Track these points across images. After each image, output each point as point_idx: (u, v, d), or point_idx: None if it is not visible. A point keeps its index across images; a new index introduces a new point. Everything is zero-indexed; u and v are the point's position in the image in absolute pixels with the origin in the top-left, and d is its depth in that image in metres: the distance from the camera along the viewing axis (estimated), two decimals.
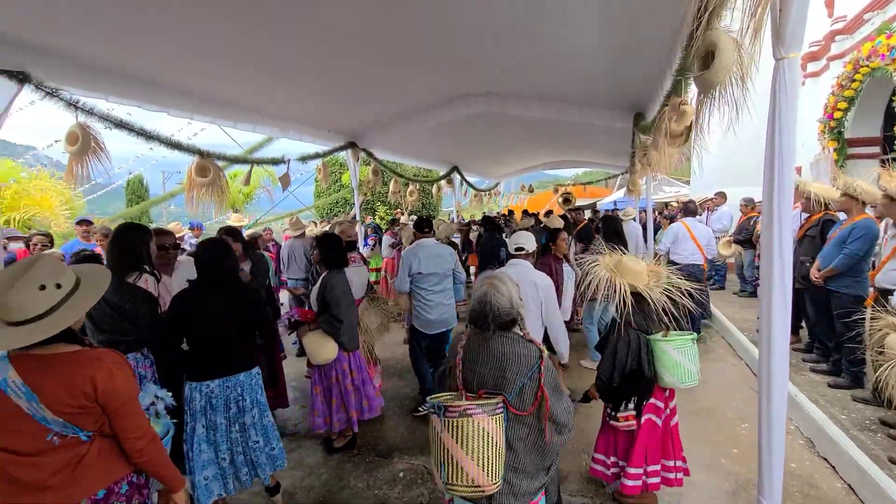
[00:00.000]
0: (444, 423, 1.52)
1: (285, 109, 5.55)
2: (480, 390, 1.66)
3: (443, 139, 7.80)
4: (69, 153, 3.74)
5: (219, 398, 2.41)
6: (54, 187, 8.00)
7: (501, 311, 1.70)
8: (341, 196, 14.03)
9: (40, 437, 1.38)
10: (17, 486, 1.33)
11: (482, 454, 1.49)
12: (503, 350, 1.67)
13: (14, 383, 1.33)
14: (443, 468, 1.52)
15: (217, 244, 2.60)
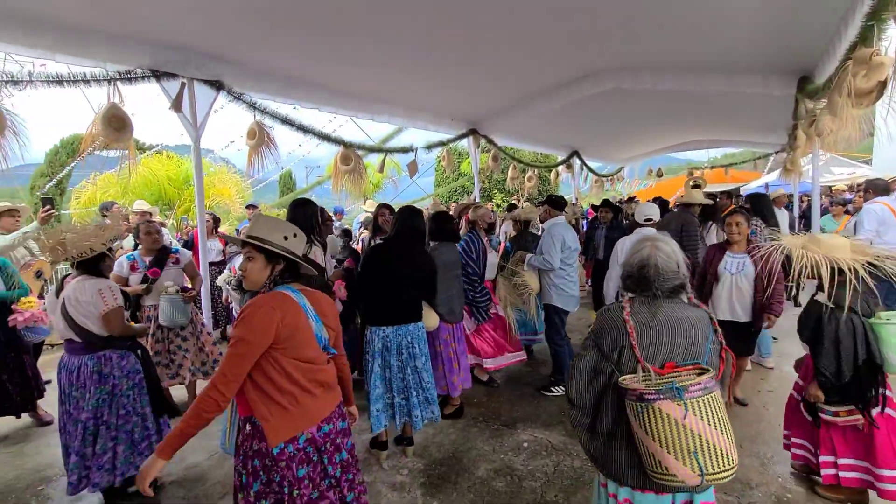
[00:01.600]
0: (689, 406, 1.31)
1: (415, 100, 5.94)
2: (669, 364, 1.46)
3: (564, 122, 7.58)
4: (249, 146, 4.53)
5: (392, 343, 2.80)
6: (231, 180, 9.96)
7: (669, 273, 1.51)
8: (460, 184, 14.49)
9: (320, 352, 1.69)
10: (324, 388, 1.69)
11: (728, 427, 1.35)
12: (689, 316, 1.51)
13: (309, 307, 1.66)
14: (696, 457, 1.30)
15: (416, 212, 2.98)
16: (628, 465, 1.51)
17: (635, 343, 1.47)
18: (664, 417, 1.33)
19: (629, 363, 1.49)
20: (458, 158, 13.48)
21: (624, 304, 1.56)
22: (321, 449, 1.64)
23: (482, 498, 2.56)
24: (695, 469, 1.30)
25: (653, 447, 1.36)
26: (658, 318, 1.50)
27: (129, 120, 3.60)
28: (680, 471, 1.32)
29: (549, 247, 3.80)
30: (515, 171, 9.23)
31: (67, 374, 2.44)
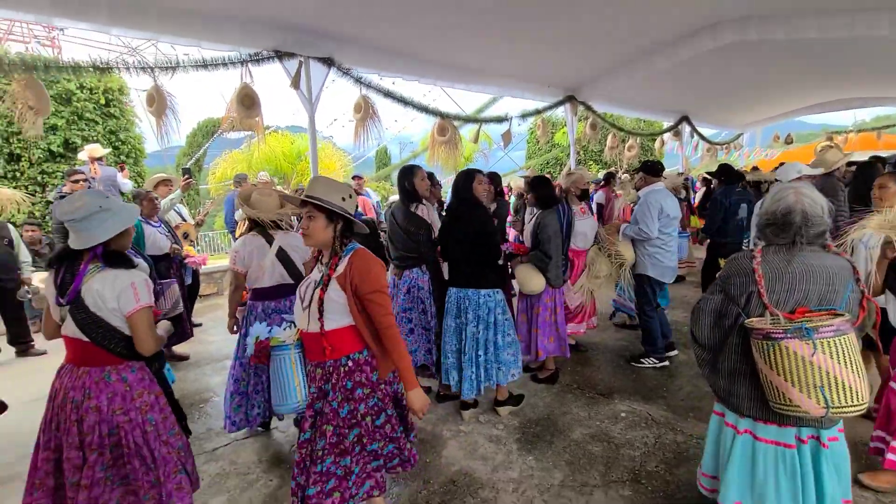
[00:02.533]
0: (819, 345, 1.40)
1: (510, 67, 5.80)
2: (801, 308, 1.50)
3: (673, 84, 6.92)
4: (355, 119, 4.83)
5: (452, 303, 2.92)
6: (335, 155, 10.83)
7: (816, 219, 1.52)
8: (553, 156, 14.03)
9: None
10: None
11: (860, 367, 1.42)
12: (826, 264, 1.53)
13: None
14: (822, 391, 1.39)
15: (461, 174, 3.01)
16: (750, 399, 1.62)
17: (763, 290, 1.54)
18: (791, 355, 1.43)
19: (757, 308, 1.56)
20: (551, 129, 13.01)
21: (755, 254, 1.60)
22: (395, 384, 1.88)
23: (578, 459, 2.59)
24: (820, 402, 1.40)
25: (777, 381, 1.46)
26: (793, 265, 1.53)
27: (257, 98, 4.05)
28: (805, 402, 1.42)
29: (645, 215, 3.59)
30: (615, 140, 8.69)
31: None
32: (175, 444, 1.90)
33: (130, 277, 1.74)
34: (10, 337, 4.43)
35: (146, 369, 1.87)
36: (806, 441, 1.58)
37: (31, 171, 6.33)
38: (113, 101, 7.07)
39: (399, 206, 3.25)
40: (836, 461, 1.59)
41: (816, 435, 1.58)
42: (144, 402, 1.80)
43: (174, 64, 3.60)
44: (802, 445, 1.58)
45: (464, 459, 2.63)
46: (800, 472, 1.57)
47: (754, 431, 1.64)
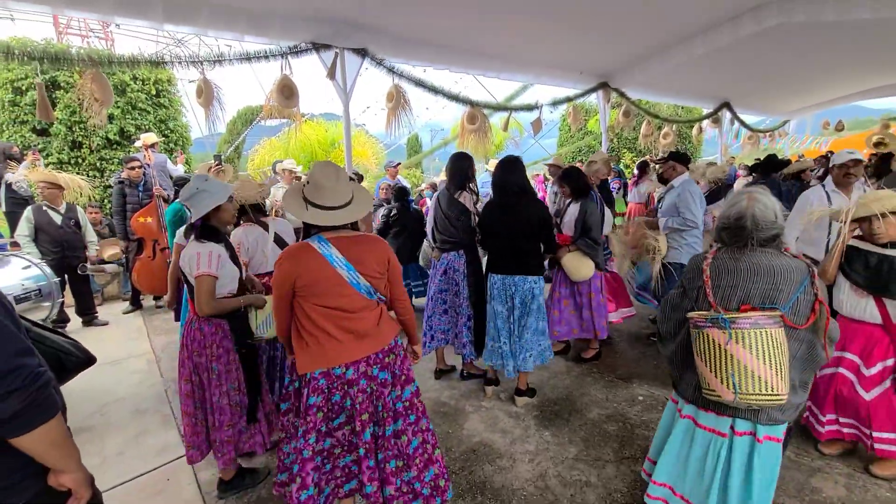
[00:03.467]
0: (734, 335, 1.51)
1: (541, 54, 5.78)
2: (744, 306, 1.60)
3: (714, 69, 6.67)
4: (388, 108, 4.99)
5: (497, 290, 3.02)
6: (368, 142, 11.10)
7: (766, 224, 1.62)
8: (585, 143, 13.77)
9: (358, 300, 1.74)
10: (353, 335, 1.75)
11: (778, 362, 1.50)
12: (772, 263, 1.61)
13: (337, 257, 1.70)
14: (733, 378, 1.51)
15: (502, 163, 3.04)
16: (695, 387, 1.74)
17: (708, 286, 1.68)
18: (710, 342, 1.57)
19: (704, 302, 1.70)
20: (584, 116, 12.77)
21: (707, 255, 1.75)
22: (331, 387, 1.72)
23: (593, 437, 2.71)
24: (730, 387, 1.53)
25: (701, 367, 1.62)
26: (740, 264, 1.65)
27: (296, 89, 4.27)
28: (718, 387, 1.56)
29: (689, 204, 3.58)
30: (650, 128, 8.49)
31: None
32: (234, 399, 2.20)
33: (199, 248, 2.07)
34: (78, 308, 4.90)
35: (223, 326, 2.18)
36: (740, 434, 1.66)
37: (91, 158, 6.85)
38: (163, 92, 7.51)
39: (444, 192, 3.35)
40: (766, 464, 1.64)
41: (752, 430, 1.65)
42: (212, 353, 2.15)
43: (220, 57, 3.85)
44: (736, 437, 1.66)
45: (484, 432, 2.79)
46: (722, 463, 1.67)
47: (696, 418, 1.77)
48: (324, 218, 1.72)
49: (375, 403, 1.78)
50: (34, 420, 1.00)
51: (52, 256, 4.28)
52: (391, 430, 1.79)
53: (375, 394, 1.78)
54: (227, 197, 2.17)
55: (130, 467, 2.57)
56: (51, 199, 4.46)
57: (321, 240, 1.71)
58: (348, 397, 1.74)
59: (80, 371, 1.41)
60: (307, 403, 1.71)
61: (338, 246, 1.71)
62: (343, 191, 1.75)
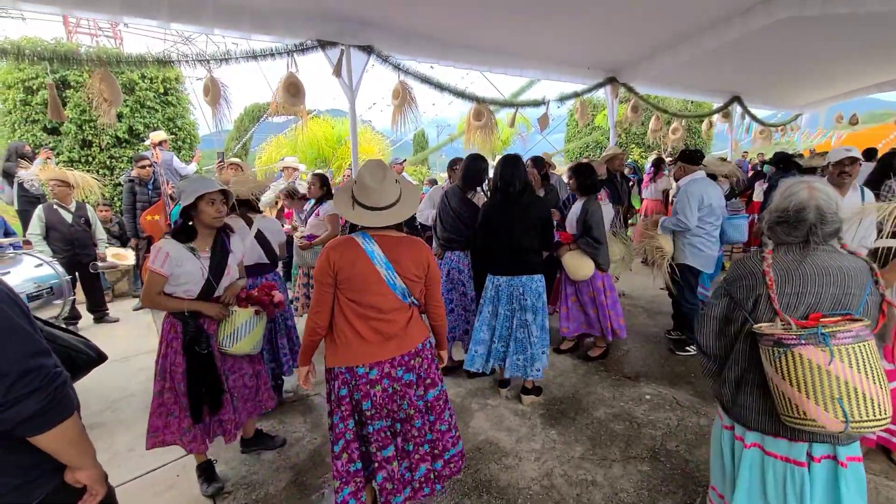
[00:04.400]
0: (838, 352, 1.29)
1: (548, 50, 5.73)
2: (814, 315, 1.39)
3: (724, 63, 6.58)
4: (394, 105, 4.98)
5: (503, 291, 2.94)
6: (374, 139, 11.15)
7: (831, 217, 1.42)
8: (593, 139, 13.67)
9: (392, 300, 1.76)
10: (380, 336, 1.78)
11: (882, 377, 1.31)
12: (840, 265, 1.42)
13: (378, 255, 1.73)
14: (840, 403, 1.28)
15: (504, 160, 2.97)
16: (758, 411, 1.52)
17: (773, 294, 1.43)
18: (805, 363, 1.32)
19: (766, 312, 1.46)
20: (591, 111, 12.67)
21: (765, 255, 1.49)
22: (352, 385, 1.76)
23: (599, 436, 2.70)
24: (839, 415, 1.28)
25: (789, 392, 1.35)
26: (804, 266, 1.43)
27: (302, 87, 4.28)
28: (821, 416, 1.30)
29: (684, 206, 3.53)
30: (658, 123, 8.38)
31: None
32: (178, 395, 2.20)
33: (159, 244, 2.11)
34: (89, 305, 4.98)
35: (176, 327, 2.17)
36: (819, 460, 1.46)
37: (101, 156, 6.93)
38: (170, 90, 7.56)
39: (455, 190, 3.30)
40: (858, 484, 1.46)
41: (833, 454, 1.45)
42: (162, 348, 2.21)
43: (227, 55, 3.86)
44: (814, 464, 1.46)
45: (490, 430, 2.79)
46: (809, 495, 1.45)
47: (763, 445, 1.55)
48: (368, 219, 1.75)
49: (399, 402, 1.82)
50: (53, 419, 1.03)
51: (63, 254, 4.34)
52: (418, 423, 1.85)
53: (399, 393, 1.82)
54: (199, 197, 2.09)
55: (141, 463, 2.61)
56: (61, 197, 4.51)
57: (365, 236, 1.75)
58: (369, 398, 1.78)
59: (92, 369, 1.43)
60: (338, 395, 1.78)
61: (381, 244, 1.75)
62: (389, 191, 1.76)
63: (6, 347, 0.97)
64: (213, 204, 2.13)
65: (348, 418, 1.78)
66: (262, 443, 2.70)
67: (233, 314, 2.28)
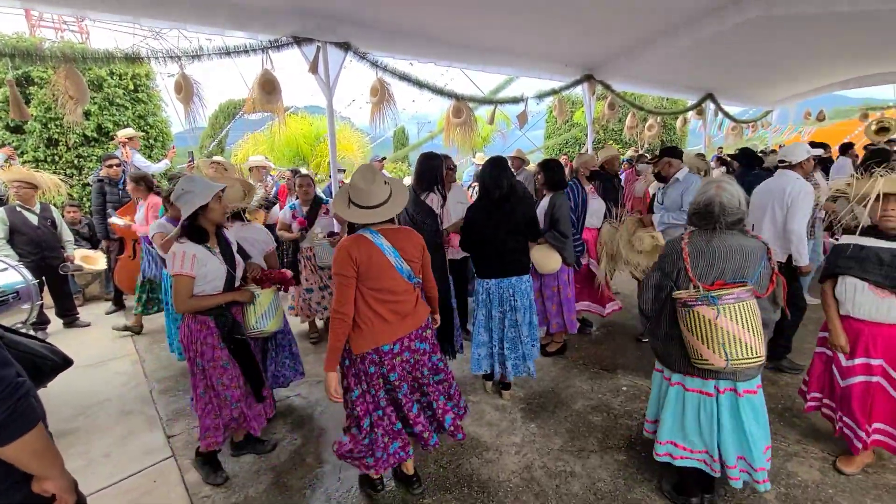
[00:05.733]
0: (722, 310, 1.76)
1: (526, 47, 5.76)
2: (718, 281, 1.84)
3: (697, 60, 6.75)
4: (371, 102, 4.94)
5: (494, 295, 2.95)
6: (353, 136, 10.98)
7: (731, 209, 1.85)
8: (572, 136, 13.82)
9: (402, 283, 2.00)
10: (397, 315, 2.02)
11: (757, 329, 1.76)
12: (742, 244, 1.86)
13: (387, 246, 1.96)
14: (724, 348, 1.76)
15: (491, 163, 2.97)
16: (679, 358, 1.99)
17: (689, 266, 1.88)
18: (700, 318, 1.80)
19: (685, 281, 1.90)
20: (570, 108, 12.81)
21: (684, 237, 1.95)
22: (382, 361, 2.00)
23: (578, 427, 2.76)
24: (722, 356, 1.77)
25: (692, 340, 1.86)
26: (712, 245, 1.87)
27: (278, 84, 4.21)
28: (711, 357, 1.81)
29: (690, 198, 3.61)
30: (634, 120, 8.54)
31: None
32: (221, 393, 2.27)
33: (176, 248, 2.14)
34: (58, 310, 4.82)
35: (208, 324, 2.23)
36: (724, 392, 1.92)
37: (68, 155, 6.68)
38: (141, 87, 7.33)
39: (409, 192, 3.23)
40: (754, 410, 1.92)
41: (733, 387, 1.91)
42: (197, 349, 2.23)
43: (199, 52, 3.77)
44: (720, 395, 1.93)
45: (471, 425, 2.82)
46: (716, 415, 1.93)
47: (684, 383, 2.02)
48: (363, 216, 1.98)
49: (420, 368, 2.12)
50: (14, 432, 1.00)
51: (30, 258, 4.18)
52: (437, 378, 2.19)
53: (419, 361, 2.11)
54: (212, 197, 2.18)
55: (117, 469, 2.55)
56: (25, 198, 4.34)
57: (373, 232, 1.98)
58: (394, 370, 2.03)
59: (57, 374, 1.40)
60: (368, 374, 2.01)
61: (386, 236, 1.99)
62: (379, 191, 1.99)
63: None
64: (220, 201, 2.25)
65: (380, 391, 2.04)
66: (253, 446, 2.66)
67: (258, 297, 2.43)
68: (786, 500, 2.15)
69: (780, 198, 3.16)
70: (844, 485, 2.23)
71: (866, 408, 2.21)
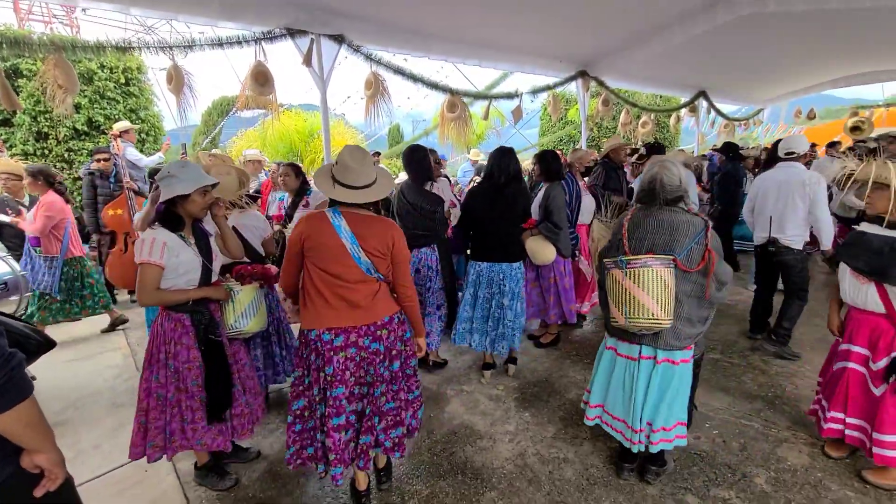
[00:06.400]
0: (627, 273, 1.90)
1: (522, 42, 5.77)
2: (649, 253, 1.95)
3: (691, 58, 6.79)
4: (366, 96, 4.93)
5: (483, 277, 3.07)
6: (348, 132, 10.99)
7: (671, 187, 1.98)
8: (566, 133, 13.87)
9: (356, 272, 1.86)
10: (345, 303, 1.88)
11: (660, 295, 1.87)
12: (673, 219, 1.96)
13: (345, 229, 1.84)
14: (624, 307, 1.93)
15: (500, 150, 3.04)
16: (609, 321, 2.13)
17: (626, 238, 2.04)
18: (613, 279, 1.98)
19: (621, 251, 2.04)
20: (564, 105, 12.85)
21: (628, 212, 2.12)
22: (318, 349, 1.87)
23: (571, 416, 2.77)
24: (622, 313, 1.95)
25: (609, 300, 2.04)
26: (648, 219, 2.01)
27: (271, 75, 4.19)
28: (616, 315, 1.99)
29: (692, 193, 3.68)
30: (628, 117, 8.58)
31: None
32: (196, 394, 2.06)
33: (146, 234, 1.96)
34: None
35: (183, 321, 2.05)
36: (645, 358, 2.05)
37: (58, 149, 6.61)
38: (132, 80, 7.27)
39: (409, 184, 3.23)
40: (664, 381, 2.03)
41: (654, 354, 2.03)
42: (170, 350, 2.04)
43: (191, 43, 3.74)
44: (642, 361, 2.06)
45: (465, 414, 2.83)
46: (634, 381, 2.06)
47: (617, 348, 2.16)
48: (348, 195, 1.88)
49: (366, 369, 1.94)
50: (10, 400, 1.00)
51: (18, 251, 4.13)
52: (378, 391, 1.95)
53: (366, 361, 1.93)
54: (196, 189, 2.02)
55: (107, 460, 2.53)
56: (14, 191, 4.29)
57: (335, 211, 1.89)
58: (331, 364, 1.88)
59: (41, 354, 1.38)
60: (306, 358, 1.93)
61: (348, 219, 1.87)
62: (367, 173, 1.90)
63: None
64: (205, 195, 2.08)
65: (314, 383, 1.91)
66: (236, 454, 2.51)
67: (237, 294, 2.27)
68: (776, 483, 2.17)
69: (800, 190, 3.27)
70: (833, 468, 2.26)
71: (842, 395, 2.21)
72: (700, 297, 1.97)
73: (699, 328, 2.02)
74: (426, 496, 2.19)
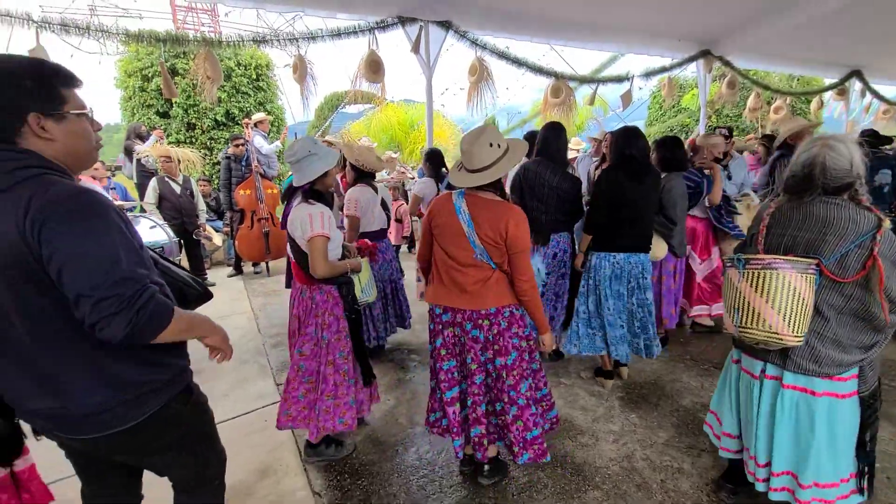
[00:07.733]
0: (744, 275, 1.58)
1: (631, 20, 5.32)
2: (788, 254, 1.60)
3: (841, 30, 5.74)
4: (470, 82, 4.94)
5: (624, 270, 2.74)
6: (446, 125, 11.27)
7: (835, 172, 1.54)
8: (678, 122, 12.68)
9: (468, 255, 1.84)
10: (453, 284, 1.89)
11: (786, 305, 1.50)
12: (827, 213, 1.54)
13: (463, 211, 1.82)
14: (736, 313, 1.61)
15: (633, 132, 2.77)
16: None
17: (762, 234, 1.70)
18: (729, 280, 1.68)
19: (754, 249, 1.73)
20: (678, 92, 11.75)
21: (771, 204, 1.75)
22: (434, 321, 1.99)
23: (686, 424, 2.52)
24: (734, 321, 1.63)
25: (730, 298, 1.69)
26: (796, 211, 1.62)
27: (382, 64, 4.37)
28: (727, 321, 1.78)
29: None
30: (758, 101, 7.57)
31: None
32: (341, 367, 2.16)
33: (310, 210, 2.01)
34: (191, 269, 5.50)
35: (333, 293, 2.15)
36: (770, 378, 1.69)
37: (202, 138, 7.62)
38: (262, 76, 8.10)
39: (549, 165, 2.97)
40: (803, 416, 1.61)
41: (779, 375, 1.66)
42: (323, 321, 2.13)
43: (314, 34, 4.05)
44: (765, 381, 1.70)
45: (564, 408, 2.71)
46: (756, 403, 1.71)
47: (741, 361, 1.85)
48: (461, 179, 1.86)
49: (465, 354, 1.94)
50: (151, 334, 1.08)
51: (172, 221, 4.83)
52: (479, 379, 1.95)
53: (466, 346, 1.93)
54: (335, 162, 2.12)
55: (235, 407, 2.85)
56: (169, 171, 5.01)
57: (460, 193, 1.89)
58: (440, 336, 1.97)
59: (199, 304, 1.51)
60: (430, 329, 2.04)
61: (469, 202, 1.85)
62: (480, 155, 1.79)
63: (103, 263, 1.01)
64: (337, 167, 2.20)
65: (431, 354, 2.04)
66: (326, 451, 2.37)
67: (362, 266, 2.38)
68: None
69: None
70: None
71: None
72: (859, 317, 1.54)
73: (855, 356, 1.56)
74: (524, 484, 2.13)
